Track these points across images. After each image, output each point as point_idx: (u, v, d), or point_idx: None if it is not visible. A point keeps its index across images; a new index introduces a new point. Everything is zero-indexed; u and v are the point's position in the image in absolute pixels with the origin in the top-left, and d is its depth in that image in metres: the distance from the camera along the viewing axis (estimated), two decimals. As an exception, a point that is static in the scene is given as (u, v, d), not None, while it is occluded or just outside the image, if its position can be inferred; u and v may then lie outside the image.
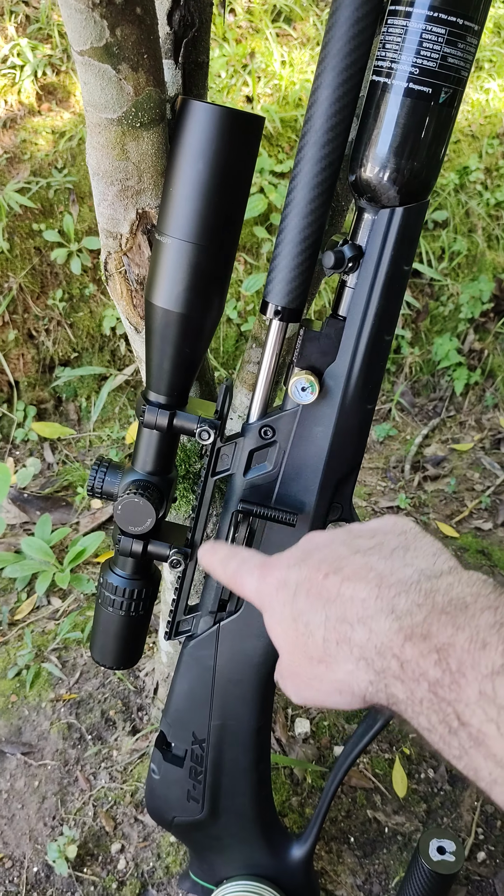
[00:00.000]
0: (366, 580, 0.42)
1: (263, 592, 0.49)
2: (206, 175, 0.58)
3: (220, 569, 0.56)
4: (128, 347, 1.67)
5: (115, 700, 1.13)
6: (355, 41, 0.55)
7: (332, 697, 0.44)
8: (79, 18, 0.52)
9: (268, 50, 1.77)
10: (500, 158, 1.89)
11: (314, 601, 0.44)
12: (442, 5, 0.52)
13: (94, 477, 0.71)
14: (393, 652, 0.39)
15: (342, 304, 0.62)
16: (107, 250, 0.69)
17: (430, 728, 0.37)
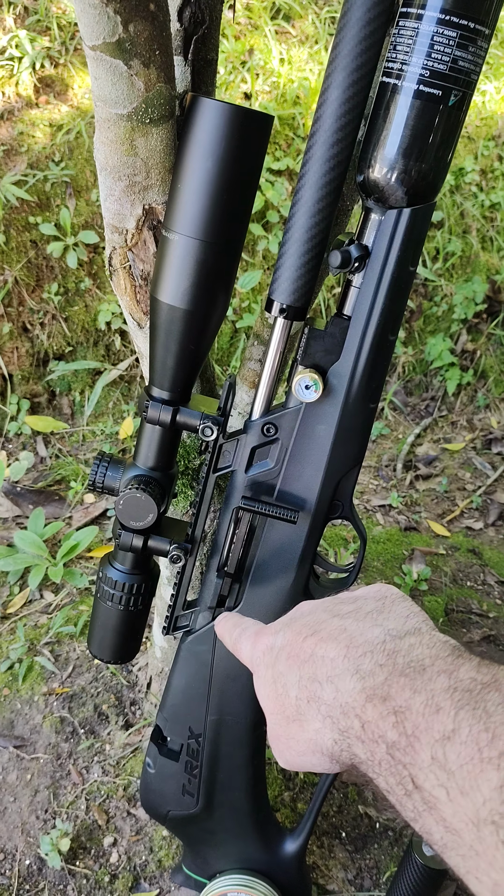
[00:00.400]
0: (337, 640, 0.43)
1: (254, 657, 0.51)
2: (216, 172, 0.58)
3: (227, 637, 0.59)
4: (122, 342, 1.66)
5: (108, 694, 1.13)
6: (366, 42, 0.56)
7: (306, 758, 0.45)
8: (92, 13, 0.52)
9: (266, 47, 1.77)
10: (496, 160, 1.90)
11: (291, 662, 0.45)
12: (454, 8, 0.52)
13: (96, 472, 0.71)
14: (356, 712, 0.39)
15: (347, 304, 0.63)
16: (111, 245, 0.69)
17: (388, 790, 0.37)
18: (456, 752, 0.33)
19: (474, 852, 0.32)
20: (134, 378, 1.68)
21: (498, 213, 1.88)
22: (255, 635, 0.53)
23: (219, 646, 0.74)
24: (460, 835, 0.32)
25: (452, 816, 0.33)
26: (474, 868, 0.32)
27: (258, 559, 0.71)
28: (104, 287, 1.63)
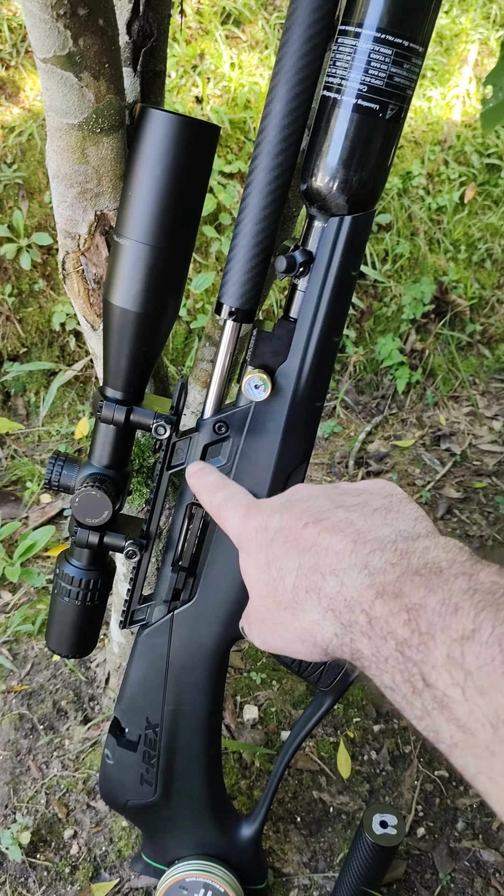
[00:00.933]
0: (343, 533, 0.42)
1: (243, 534, 0.50)
2: (164, 181, 0.61)
3: (205, 495, 0.57)
4: (77, 343, 1.67)
5: (67, 691, 1.14)
6: (307, 58, 0.58)
7: (293, 645, 0.45)
8: (43, 28, 0.54)
9: (217, 52, 1.80)
10: (442, 165, 1.95)
11: (290, 548, 0.44)
12: (389, 27, 0.55)
13: (52, 470, 0.73)
14: (362, 607, 0.38)
15: (293, 307, 0.65)
16: (65, 250, 0.71)
17: (393, 687, 0.37)
18: (475, 652, 0.32)
19: (490, 752, 0.31)
20: (89, 378, 1.69)
21: (444, 216, 1.94)
22: (247, 510, 0.51)
23: (175, 638, 0.77)
24: (475, 735, 0.32)
25: (467, 716, 0.32)
26: (487, 768, 0.32)
27: (212, 554, 0.73)
28: (58, 288, 1.64)
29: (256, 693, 1.18)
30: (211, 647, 0.77)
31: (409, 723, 0.37)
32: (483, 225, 2.04)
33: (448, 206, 1.95)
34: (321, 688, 0.78)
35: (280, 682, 1.21)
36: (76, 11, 0.53)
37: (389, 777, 1.11)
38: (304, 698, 1.19)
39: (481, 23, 2.19)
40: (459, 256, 1.99)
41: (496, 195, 2.04)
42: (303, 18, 0.58)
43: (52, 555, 1.37)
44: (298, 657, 0.46)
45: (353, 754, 1.13)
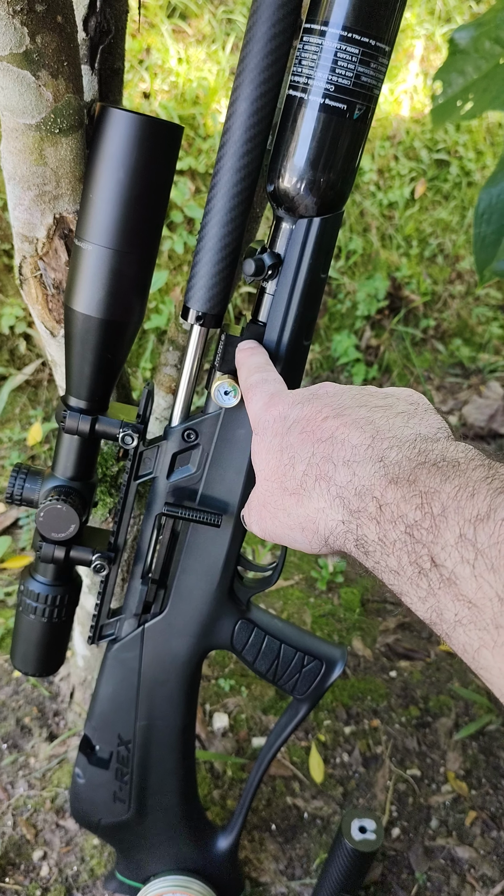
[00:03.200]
0: (362, 430, 0.43)
1: (262, 419, 0.50)
2: (127, 183, 0.58)
3: (244, 373, 0.58)
4: (28, 347, 1.63)
5: (30, 707, 1.11)
6: (272, 56, 0.57)
7: (293, 533, 0.46)
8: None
9: (164, 46, 1.77)
10: (392, 160, 1.96)
11: (306, 437, 0.45)
12: (355, 26, 0.54)
13: (14, 484, 0.70)
14: (373, 494, 0.39)
15: (262, 310, 0.64)
16: (22, 254, 0.68)
17: (397, 570, 0.37)
18: (488, 531, 0.33)
19: (495, 626, 0.32)
20: (41, 382, 1.65)
21: (396, 212, 1.94)
22: (271, 397, 0.52)
23: (146, 651, 0.75)
24: (481, 610, 0.33)
25: (475, 592, 0.33)
26: (491, 642, 0.33)
27: (183, 564, 0.71)
28: (6, 290, 1.59)
29: (225, 700, 1.17)
30: (184, 658, 0.75)
31: (410, 605, 0.38)
32: (434, 220, 2.05)
33: (399, 202, 1.95)
34: (297, 695, 0.77)
35: (249, 688, 1.19)
36: (34, 8, 0.51)
37: (362, 779, 1.10)
38: (273, 703, 1.18)
39: (426, 18, 2.20)
40: (412, 252, 2.00)
41: (446, 190, 2.05)
42: (267, 16, 0.56)
43: (8, 567, 1.33)
44: (295, 546, 0.47)
45: (326, 758, 1.12)
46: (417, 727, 1.19)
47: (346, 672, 1.26)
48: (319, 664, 0.76)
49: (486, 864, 1.02)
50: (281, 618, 0.80)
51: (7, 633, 1.20)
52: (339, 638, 1.32)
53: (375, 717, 1.20)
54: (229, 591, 0.73)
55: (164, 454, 0.68)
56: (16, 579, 1.31)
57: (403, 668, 1.29)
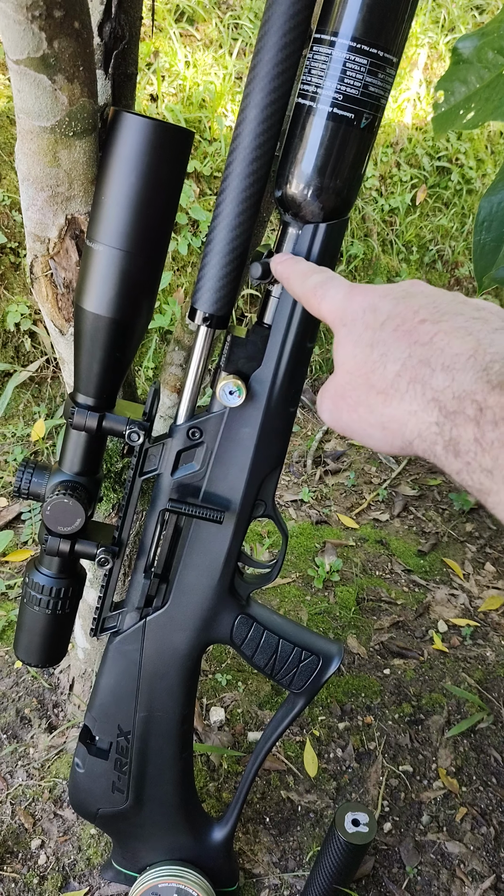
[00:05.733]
0: (463, 339, 0.42)
1: (348, 309, 0.49)
2: (139, 186, 0.60)
3: (297, 280, 0.55)
4: (33, 343, 1.65)
5: (30, 698, 1.13)
6: (282, 65, 0.58)
7: (371, 430, 0.46)
8: (17, 29, 0.53)
9: (172, 50, 1.78)
10: (394, 167, 1.98)
11: (401, 337, 0.44)
12: (364, 37, 0.55)
13: (21, 478, 0.71)
14: (473, 398, 0.39)
15: (267, 313, 0.66)
16: (33, 254, 0.70)
17: (491, 468, 0.38)
18: None
19: None
20: (45, 379, 1.66)
21: (397, 217, 1.96)
22: (351, 287, 0.50)
23: (147, 644, 0.76)
24: None
25: None
26: None
27: (185, 559, 0.73)
28: (12, 288, 1.61)
29: (222, 695, 1.19)
30: (184, 652, 0.77)
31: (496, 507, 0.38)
32: (434, 226, 2.07)
33: (400, 208, 1.97)
34: (293, 690, 0.79)
35: (245, 683, 1.21)
36: (52, 13, 0.52)
37: (355, 774, 1.12)
38: (269, 698, 1.20)
39: (430, 27, 2.22)
40: (412, 257, 2.01)
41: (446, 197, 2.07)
42: (279, 25, 0.58)
43: (10, 560, 1.35)
44: (367, 442, 0.46)
45: (320, 752, 1.14)
46: (410, 724, 1.21)
47: (341, 669, 1.28)
48: (316, 659, 0.78)
49: (476, 859, 1.04)
50: (279, 613, 0.81)
51: (8, 625, 1.22)
52: (335, 635, 1.34)
53: (369, 713, 1.21)
54: (230, 587, 0.74)
55: (169, 451, 0.70)
56: (18, 573, 1.33)
57: (397, 665, 1.31)
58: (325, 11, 0.57)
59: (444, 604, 1.48)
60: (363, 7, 0.55)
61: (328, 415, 0.50)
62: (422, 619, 1.43)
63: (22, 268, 1.60)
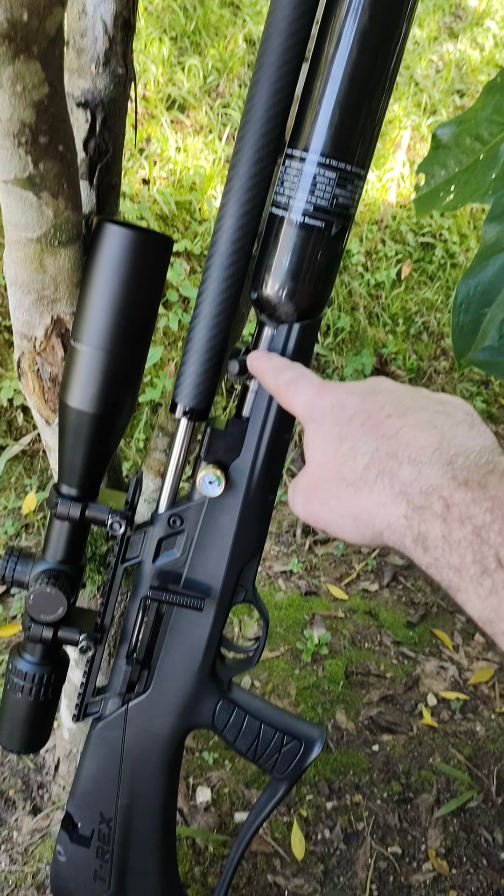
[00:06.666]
0: (428, 433, 0.44)
1: (317, 406, 0.51)
2: (121, 291, 0.63)
3: (270, 376, 0.58)
4: (25, 418, 1.67)
5: (15, 779, 1.12)
6: (256, 178, 0.62)
7: (343, 521, 0.47)
8: (4, 153, 0.57)
9: (163, 136, 1.86)
10: (379, 243, 2.04)
11: (369, 431, 0.46)
12: (332, 153, 0.59)
13: (6, 567, 0.73)
14: (440, 493, 0.40)
15: (245, 406, 0.68)
16: (20, 350, 0.73)
17: (459, 567, 0.39)
18: None
19: None
20: (37, 452, 1.69)
21: (382, 291, 2.02)
22: (321, 385, 0.52)
23: (129, 730, 0.77)
24: None
25: None
26: None
27: (166, 645, 0.74)
28: (6, 364, 1.65)
29: (209, 774, 1.18)
30: (166, 738, 0.77)
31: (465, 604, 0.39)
32: (419, 299, 2.13)
33: (386, 282, 2.03)
34: (276, 775, 0.79)
35: (232, 762, 1.20)
36: (37, 139, 0.56)
37: (343, 856, 1.11)
38: (256, 777, 1.19)
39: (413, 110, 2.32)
40: (398, 329, 2.07)
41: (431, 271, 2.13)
42: (252, 142, 0.61)
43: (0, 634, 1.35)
44: (339, 534, 0.47)
45: (307, 833, 1.12)
46: (399, 803, 1.20)
47: (329, 745, 1.27)
48: (298, 744, 0.78)
49: None
50: (261, 697, 0.82)
51: (-6, 704, 1.21)
52: (323, 710, 1.34)
53: (357, 791, 1.20)
54: (211, 672, 0.75)
55: (151, 539, 0.71)
56: (7, 647, 1.33)
57: (386, 741, 1.30)
58: (296, 128, 0.61)
59: (434, 676, 1.48)
60: (331, 126, 0.59)
61: (300, 507, 0.51)
62: (411, 692, 1.43)
63: (16, 344, 1.65)
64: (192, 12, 2.09)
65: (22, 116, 0.53)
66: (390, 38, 0.58)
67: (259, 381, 0.63)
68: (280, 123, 0.61)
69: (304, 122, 0.60)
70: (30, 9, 0.48)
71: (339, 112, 0.59)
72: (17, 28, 0.48)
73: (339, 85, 0.58)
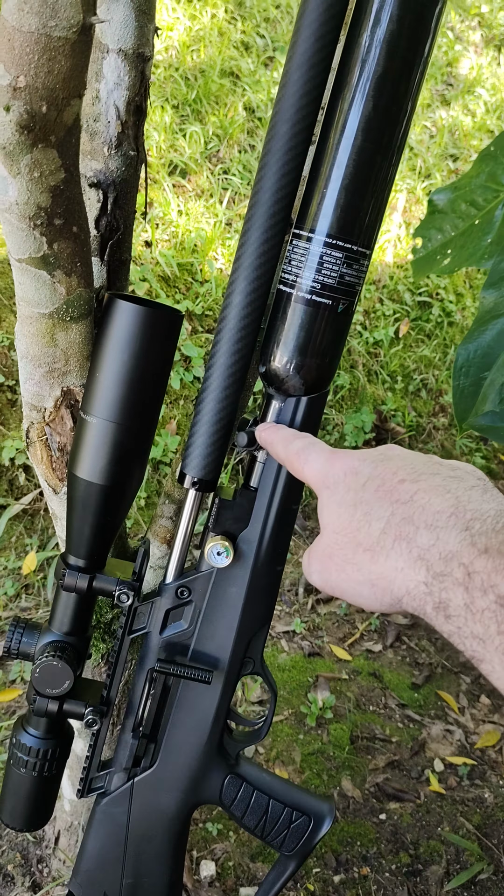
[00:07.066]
0: (443, 497, 0.43)
1: (329, 473, 0.51)
2: (131, 365, 0.64)
3: (280, 446, 0.58)
4: (27, 477, 1.68)
5: (13, 853, 1.09)
6: (263, 257, 0.63)
7: (360, 588, 0.46)
8: (20, 234, 0.58)
9: (165, 200, 1.91)
10: (377, 302, 2.07)
11: (383, 496, 0.46)
12: (339, 234, 0.61)
13: (11, 638, 0.72)
14: (461, 561, 0.40)
15: (253, 477, 0.68)
16: (30, 420, 0.73)
17: (483, 637, 0.38)
18: None
19: None
20: (37, 511, 1.68)
21: (381, 349, 2.04)
22: (332, 453, 0.52)
23: (135, 807, 0.75)
24: None
25: None
26: None
27: (173, 718, 0.73)
28: (8, 424, 1.65)
29: (213, 846, 1.14)
30: (172, 814, 0.75)
31: (490, 674, 0.38)
32: (417, 357, 2.15)
33: (384, 340, 2.06)
34: (285, 852, 0.77)
35: (237, 833, 1.17)
36: (52, 221, 0.57)
37: (352, 934, 1.07)
38: (262, 849, 1.16)
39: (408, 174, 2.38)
40: (397, 386, 2.08)
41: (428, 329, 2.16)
42: (260, 223, 0.63)
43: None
44: (357, 601, 0.47)
45: (314, 910, 1.09)
46: (408, 875, 1.17)
47: (336, 815, 1.24)
48: (308, 820, 0.76)
49: None
50: (268, 770, 0.80)
51: (-8, 773, 1.18)
52: (329, 777, 1.31)
53: (365, 864, 1.17)
54: (219, 746, 0.74)
55: (158, 610, 0.71)
56: (5, 713, 1.30)
57: (393, 810, 1.27)
58: (303, 209, 0.63)
59: (440, 740, 1.45)
60: (337, 208, 0.61)
61: (317, 576, 0.51)
62: (417, 757, 1.40)
63: (18, 405, 1.65)
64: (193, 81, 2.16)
65: (38, 201, 0.54)
66: (394, 126, 0.60)
67: (269, 452, 0.63)
68: (287, 205, 0.63)
69: (310, 204, 0.62)
70: (48, 101, 0.50)
71: (346, 195, 0.60)
72: (35, 119, 0.50)
73: (344, 170, 0.60)
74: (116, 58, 0.63)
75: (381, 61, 0.59)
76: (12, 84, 0.49)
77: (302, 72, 0.60)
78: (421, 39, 0.59)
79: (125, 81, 0.64)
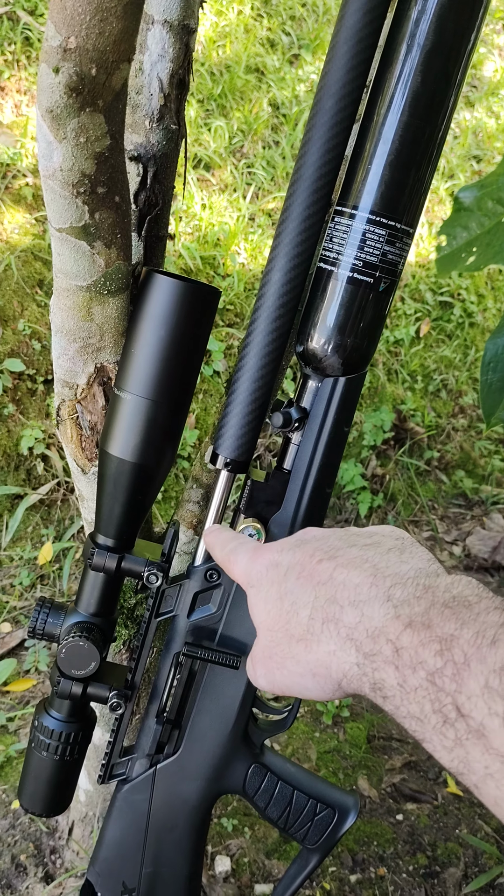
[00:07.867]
0: (361, 568, 0.43)
1: (252, 571, 0.50)
2: (168, 341, 0.63)
3: (218, 549, 0.58)
4: (45, 467, 1.67)
5: (27, 843, 1.07)
6: (305, 234, 0.62)
7: (304, 681, 0.44)
8: (62, 202, 0.57)
9: (189, 193, 1.90)
10: (399, 301, 2.06)
11: (304, 582, 0.45)
12: (383, 211, 0.60)
13: (37, 618, 0.71)
14: (387, 637, 0.38)
15: (287, 459, 0.67)
16: (61, 398, 0.72)
17: (420, 717, 0.36)
18: None
19: None
20: (54, 502, 1.67)
21: (402, 349, 2.03)
22: (255, 550, 0.52)
23: (156, 794, 0.74)
24: None
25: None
26: None
27: (198, 705, 0.72)
28: (27, 413, 1.65)
29: (228, 842, 1.13)
30: (194, 803, 0.74)
31: (434, 753, 0.36)
32: (438, 357, 2.13)
33: (405, 340, 2.04)
34: (308, 845, 0.75)
35: (252, 829, 1.16)
36: (95, 190, 0.56)
37: (368, 934, 1.05)
38: (277, 846, 1.14)
39: (431, 173, 2.37)
40: (416, 386, 2.07)
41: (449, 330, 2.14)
42: (303, 199, 0.62)
43: (12, 690, 1.32)
44: (307, 695, 0.45)
45: (330, 909, 1.07)
46: (425, 877, 1.15)
47: (352, 815, 1.22)
48: (332, 813, 0.75)
49: None
50: (293, 761, 0.79)
51: (7, 761, 1.18)
52: (345, 776, 1.29)
53: (382, 864, 1.15)
54: (244, 734, 0.72)
55: (186, 593, 0.70)
56: (19, 703, 1.29)
57: (410, 811, 1.25)
58: (346, 186, 0.61)
59: (457, 742, 1.43)
60: (381, 184, 0.59)
61: (263, 680, 0.49)
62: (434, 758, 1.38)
63: (38, 394, 1.65)
64: (218, 77, 2.16)
65: (83, 167, 0.54)
66: (441, 103, 0.59)
67: (211, 556, 0.62)
68: (330, 181, 0.62)
69: (354, 180, 0.61)
70: (98, 64, 0.49)
71: (390, 171, 0.59)
72: (85, 82, 0.49)
73: (390, 145, 0.59)
74: (161, 29, 0.62)
75: (431, 35, 0.58)
76: (63, 45, 0.48)
77: (349, 45, 0.59)
78: (471, 14, 0.58)
79: (169, 53, 0.63)
